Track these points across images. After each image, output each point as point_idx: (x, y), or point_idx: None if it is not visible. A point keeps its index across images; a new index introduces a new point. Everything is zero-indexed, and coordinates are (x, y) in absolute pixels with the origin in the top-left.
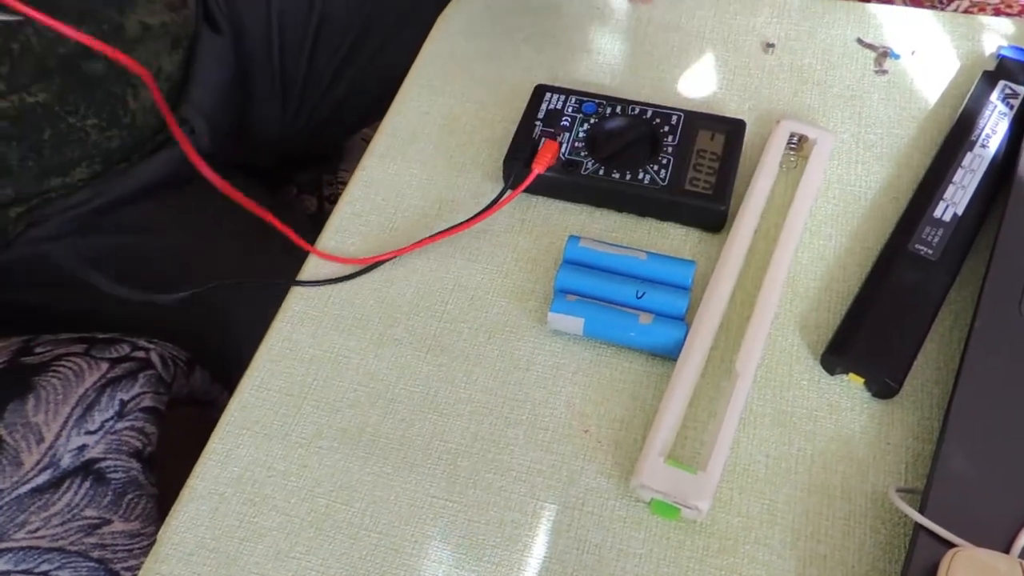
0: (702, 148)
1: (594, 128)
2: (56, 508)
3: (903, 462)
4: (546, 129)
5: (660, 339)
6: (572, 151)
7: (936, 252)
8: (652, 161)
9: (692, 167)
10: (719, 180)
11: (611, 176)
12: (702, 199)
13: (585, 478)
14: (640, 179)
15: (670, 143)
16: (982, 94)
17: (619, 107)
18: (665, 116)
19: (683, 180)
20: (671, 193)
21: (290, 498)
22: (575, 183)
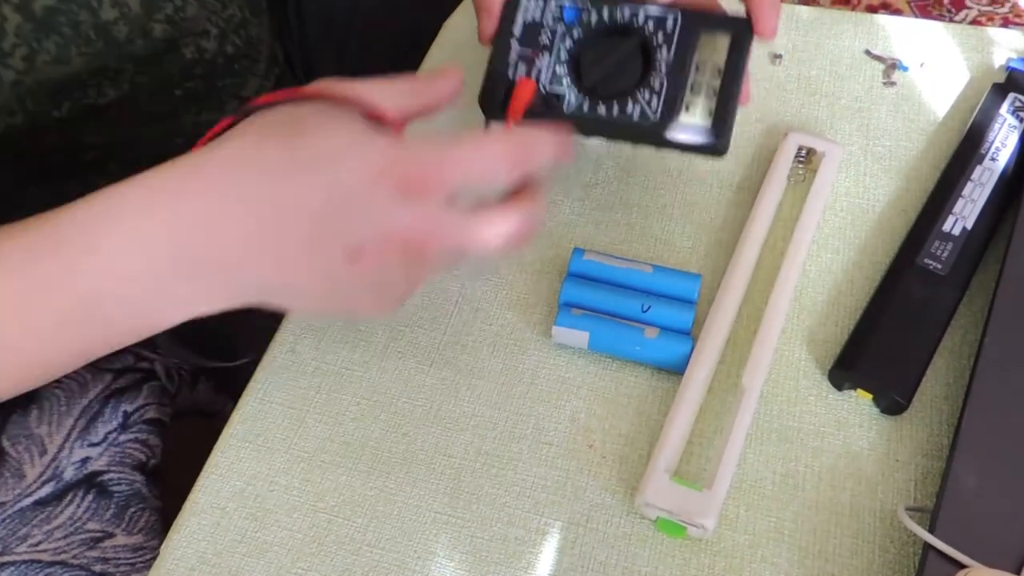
0: (702, 60)
1: (578, 46)
2: (58, 521)
3: (912, 480)
4: (523, 50)
5: (665, 353)
6: (553, 79)
7: (945, 267)
8: (643, 85)
9: (690, 87)
10: (720, 103)
11: (596, 112)
12: (698, 134)
13: (590, 494)
14: (629, 113)
15: (664, 58)
16: (991, 107)
17: (606, 11)
18: (660, 21)
19: (677, 109)
20: (663, 131)
21: (292, 513)
22: (556, 121)
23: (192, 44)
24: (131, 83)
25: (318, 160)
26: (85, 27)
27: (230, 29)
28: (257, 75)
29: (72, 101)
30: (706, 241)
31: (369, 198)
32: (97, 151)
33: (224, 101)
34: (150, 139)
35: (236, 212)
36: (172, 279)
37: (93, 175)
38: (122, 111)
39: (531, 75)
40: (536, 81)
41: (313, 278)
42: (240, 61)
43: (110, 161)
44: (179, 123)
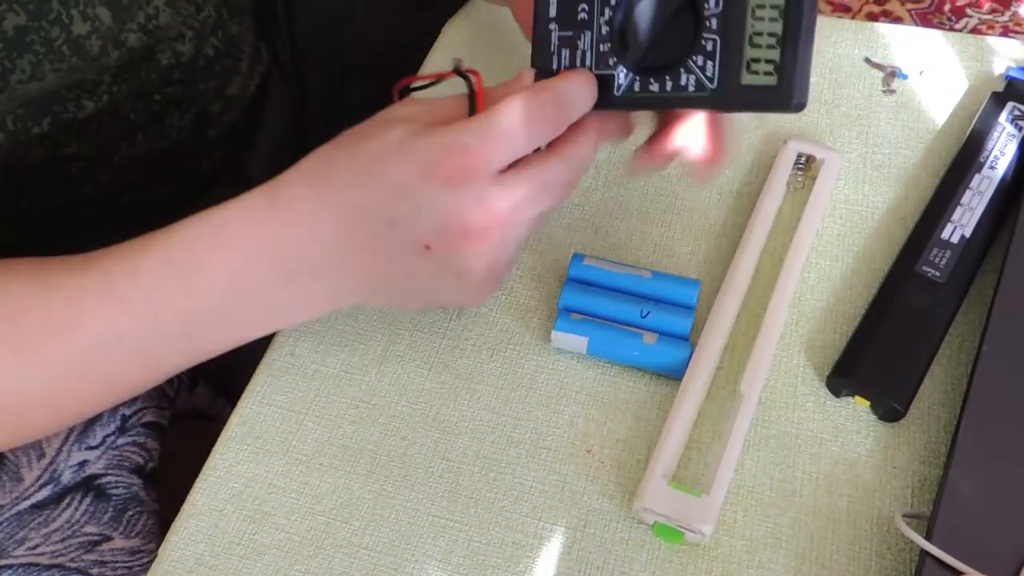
0: (759, 3)
1: (618, 13)
2: (56, 524)
3: (909, 486)
4: (563, 33)
5: (664, 359)
6: (598, 59)
7: (944, 274)
8: (695, 50)
9: (749, 40)
10: (785, 55)
11: (648, 90)
12: (764, 96)
13: (587, 499)
14: (684, 86)
15: (714, 10)
16: (990, 115)
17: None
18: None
19: (737, 70)
20: (725, 97)
21: (290, 515)
22: (609, 106)
23: (168, 50)
24: (109, 94)
25: (369, 164)
26: (58, 43)
27: (206, 31)
28: (240, 73)
29: (52, 116)
30: (705, 247)
31: (421, 193)
32: (82, 162)
33: (208, 102)
34: (135, 145)
35: (318, 223)
36: (271, 289)
37: (82, 184)
38: (102, 122)
39: (575, 60)
40: (582, 66)
41: (392, 275)
42: (221, 62)
43: (99, 170)
44: (163, 128)
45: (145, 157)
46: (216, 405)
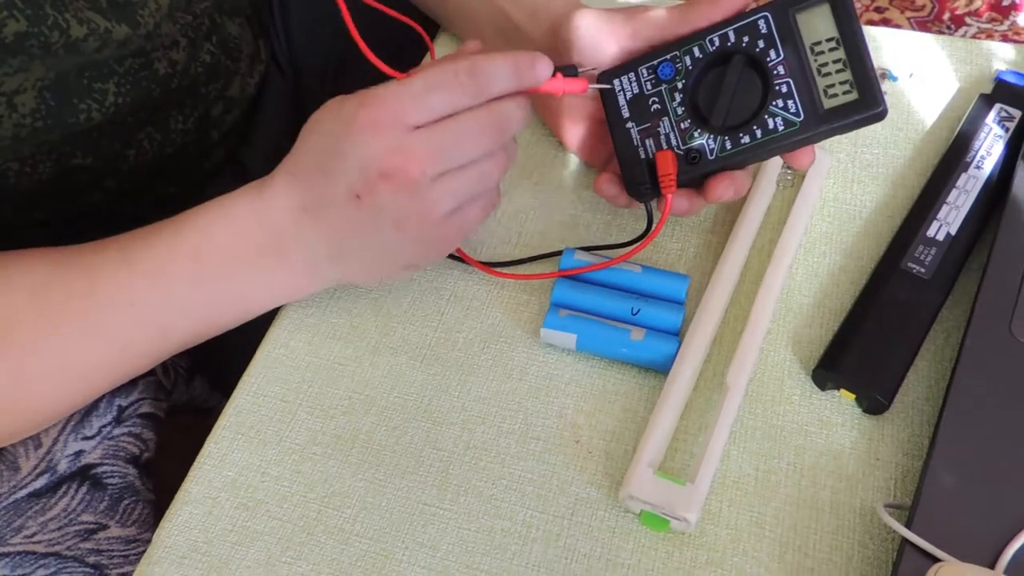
0: (815, 41)
1: (688, 94)
2: (52, 513)
3: (892, 478)
4: (641, 127)
5: (651, 354)
6: (684, 137)
7: (929, 271)
8: (771, 96)
9: (818, 72)
10: (856, 71)
11: (740, 143)
12: (851, 110)
13: (575, 488)
14: (773, 129)
15: (776, 60)
16: (978, 116)
17: (696, 49)
18: (751, 28)
19: (818, 99)
20: (814, 125)
21: (283, 503)
22: (709, 172)
23: (164, 59)
24: (115, 105)
25: (313, 130)
26: (56, 47)
27: (200, 38)
28: (239, 73)
29: (62, 127)
30: (695, 243)
31: (346, 143)
32: (90, 173)
33: (210, 105)
34: (141, 153)
35: (291, 196)
36: (265, 258)
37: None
38: (109, 134)
39: (661, 145)
40: (669, 148)
41: (346, 234)
42: (220, 64)
43: (107, 178)
44: (168, 133)
45: (151, 162)
46: (212, 399)
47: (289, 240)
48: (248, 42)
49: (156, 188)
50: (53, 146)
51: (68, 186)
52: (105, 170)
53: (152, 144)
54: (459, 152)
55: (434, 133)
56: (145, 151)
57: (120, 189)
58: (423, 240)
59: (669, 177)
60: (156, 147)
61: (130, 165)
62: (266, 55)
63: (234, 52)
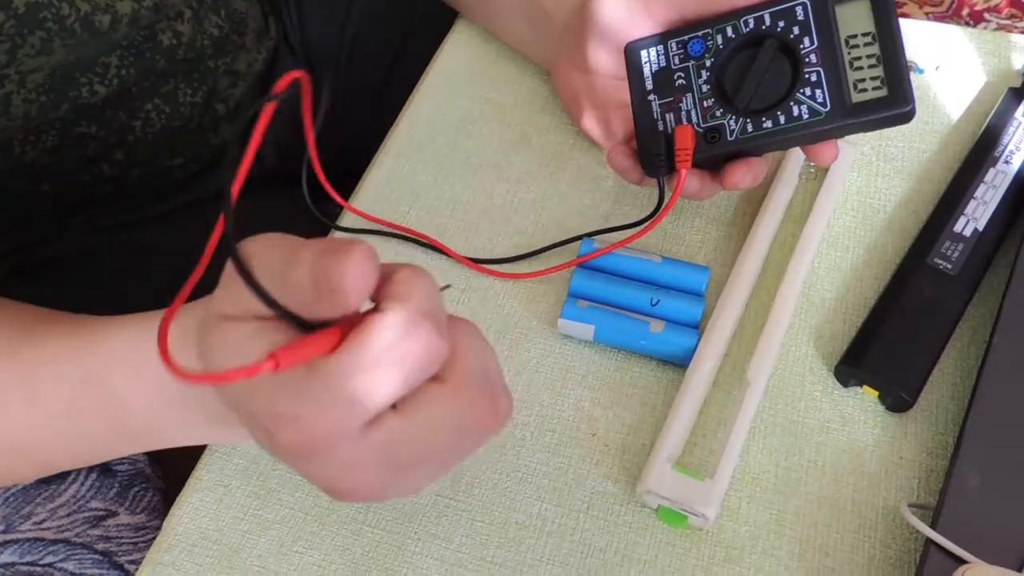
0: (850, 34)
1: (715, 72)
2: (62, 499)
3: (916, 477)
4: (663, 101)
5: (671, 347)
6: (705, 115)
7: (956, 267)
8: (800, 84)
9: (849, 65)
10: (888, 68)
11: (762, 127)
12: (879, 106)
13: (591, 481)
14: (797, 116)
15: (810, 48)
16: (1007, 110)
17: (729, 28)
18: (788, 14)
19: (846, 92)
20: (840, 117)
21: (295, 491)
22: (727, 154)
23: (168, 30)
24: (118, 77)
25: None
26: (70, 20)
27: (206, 9)
28: (245, 48)
29: (68, 101)
30: (715, 235)
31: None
32: (97, 142)
33: (217, 79)
34: (148, 124)
35: None
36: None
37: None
38: (116, 106)
39: (681, 119)
40: (689, 124)
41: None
42: (227, 39)
43: (114, 149)
44: (176, 106)
45: (158, 134)
46: None
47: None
48: (255, 17)
49: (162, 160)
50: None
51: (75, 157)
52: (111, 140)
53: (160, 116)
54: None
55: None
56: (152, 123)
57: (128, 161)
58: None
59: (686, 151)
60: (164, 119)
61: (136, 136)
62: (276, 32)
63: (240, 27)
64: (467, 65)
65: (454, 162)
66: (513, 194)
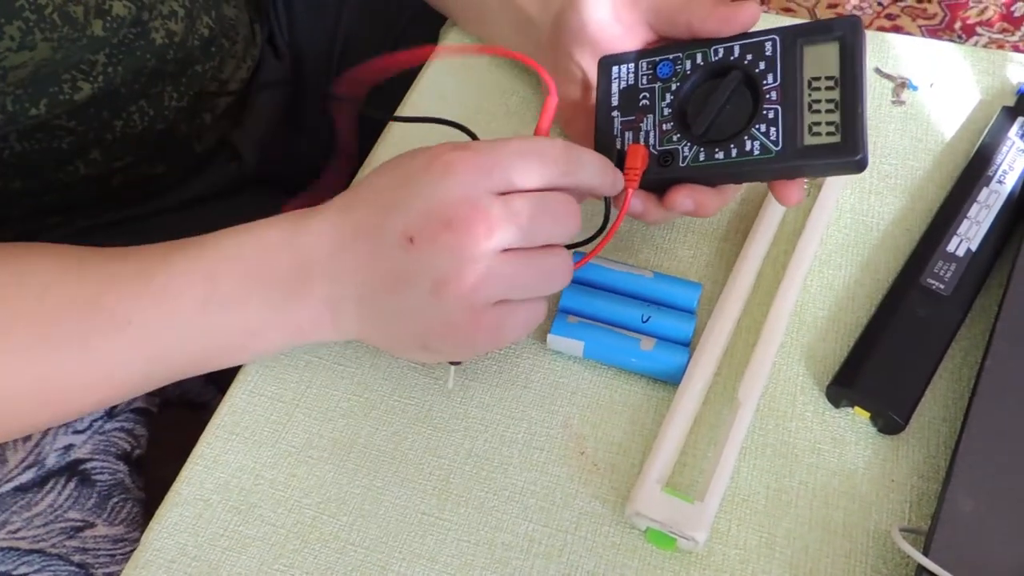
0: (813, 76)
1: (678, 97)
2: (39, 508)
3: (907, 501)
4: (625, 119)
5: (661, 365)
6: (662, 138)
7: (948, 287)
8: (757, 119)
9: (808, 107)
10: (845, 116)
11: (714, 158)
12: (829, 152)
13: (579, 501)
14: (749, 151)
15: (771, 84)
16: (1000, 130)
17: (699, 55)
18: (757, 48)
19: (799, 134)
20: (790, 158)
21: (277, 508)
22: (675, 178)
23: (161, 28)
24: (105, 75)
25: (399, 162)
26: (48, 11)
27: (198, 9)
28: (235, 56)
29: (48, 98)
30: (707, 251)
31: (421, 178)
32: (74, 137)
33: (204, 84)
34: (130, 124)
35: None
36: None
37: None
38: (100, 105)
39: (639, 140)
40: (645, 144)
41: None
42: (216, 42)
43: (92, 147)
44: (160, 108)
45: (139, 136)
46: (206, 393)
47: (317, 271)
48: (244, 25)
49: (143, 166)
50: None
51: (48, 151)
52: (89, 137)
53: (143, 118)
54: (532, 231)
55: (514, 202)
56: (135, 124)
57: (106, 162)
58: (452, 322)
59: (635, 171)
60: (147, 121)
61: (116, 136)
62: (261, 39)
63: (230, 32)
64: (458, 73)
65: None
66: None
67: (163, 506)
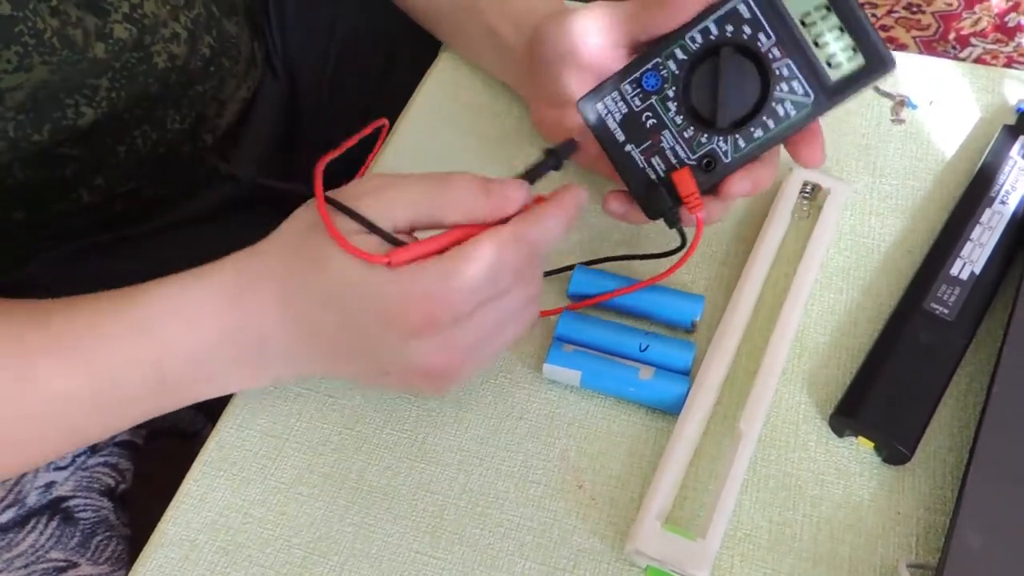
0: (803, 13)
1: (681, 100)
2: (20, 549)
3: (914, 534)
4: (642, 147)
5: (660, 395)
6: (691, 146)
7: (952, 312)
8: (775, 82)
9: (815, 45)
10: (855, 34)
11: (754, 139)
12: (861, 76)
13: (577, 538)
14: (785, 115)
15: (768, 43)
16: (1002, 149)
17: (678, 50)
18: (733, 16)
19: (822, 74)
20: (827, 100)
21: (265, 547)
22: (727, 175)
23: (163, 52)
24: (108, 100)
25: (331, 298)
26: (47, 35)
27: (199, 30)
28: (236, 76)
29: (51, 123)
30: (707, 274)
31: (383, 339)
32: (77, 164)
33: (205, 105)
34: (133, 150)
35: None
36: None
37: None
38: (101, 128)
39: (670, 160)
40: (676, 159)
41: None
42: (217, 62)
43: (95, 174)
44: (162, 131)
45: (142, 160)
46: (196, 422)
47: (271, 355)
48: (245, 43)
49: (146, 190)
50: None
51: (52, 180)
52: (93, 164)
53: (146, 142)
54: (504, 335)
55: (483, 322)
56: (138, 148)
57: (109, 188)
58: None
59: (694, 196)
60: (150, 145)
61: (120, 161)
62: (260, 58)
63: (231, 51)
64: (453, 95)
65: None
66: None
67: (148, 547)
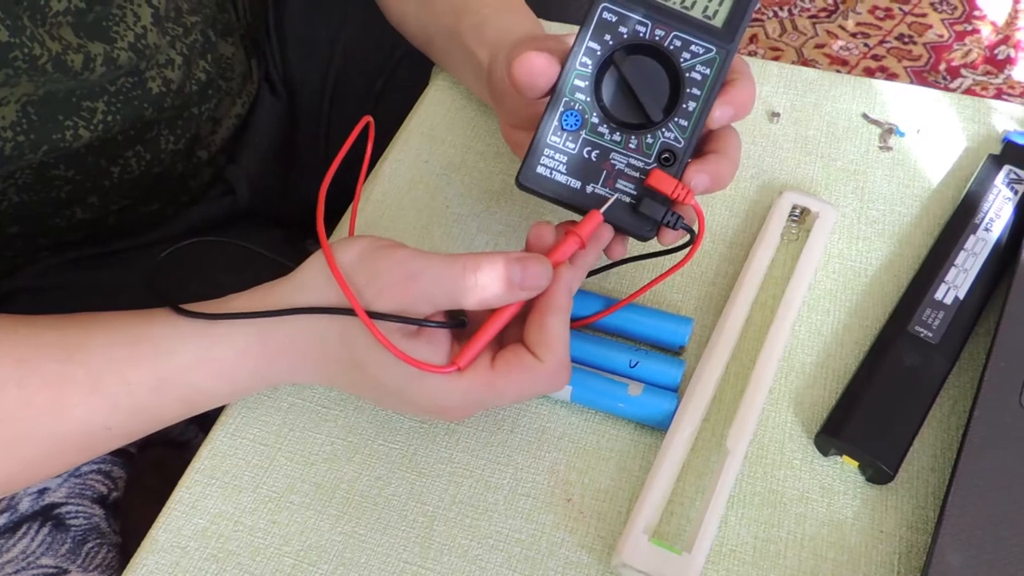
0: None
1: (609, 120)
2: (11, 555)
3: (896, 552)
4: (602, 182)
5: (649, 411)
6: (645, 151)
7: (936, 335)
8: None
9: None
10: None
11: (691, 110)
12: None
13: (565, 550)
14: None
15: (648, 28)
16: (987, 177)
17: (576, 79)
18: (602, 27)
19: (706, 24)
20: (728, 41)
21: (256, 555)
22: (691, 158)
23: (158, 78)
24: (104, 123)
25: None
26: (43, 63)
27: (195, 55)
28: (231, 94)
29: (49, 144)
30: (696, 294)
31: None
32: (72, 186)
33: (200, 125)
34: (127, 170)
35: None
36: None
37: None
38: (97, 153)
39: (635, 175)
40: (638, 169)
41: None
42: (213, 84)
43: (89, 194)
44: (156, 152)
45: (136, 180)
46: (188, 432)
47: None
48: (241, 62)
49: (140, 206)
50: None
51: (48, 200)
52: (87, 185)
53: (140, 163)
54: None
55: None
56: (131, 169)
57: (103, 206)
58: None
59: (679, 187)
60: (143, 166)
61: (113, 182)
62: (258, 75)
63: (227, 72)
64: (450, 113)
65: (435, 211)
66: (494, 246)
67: (139, 553)
